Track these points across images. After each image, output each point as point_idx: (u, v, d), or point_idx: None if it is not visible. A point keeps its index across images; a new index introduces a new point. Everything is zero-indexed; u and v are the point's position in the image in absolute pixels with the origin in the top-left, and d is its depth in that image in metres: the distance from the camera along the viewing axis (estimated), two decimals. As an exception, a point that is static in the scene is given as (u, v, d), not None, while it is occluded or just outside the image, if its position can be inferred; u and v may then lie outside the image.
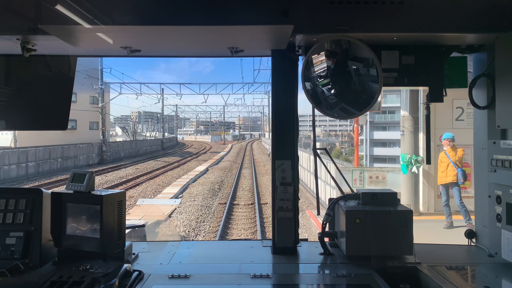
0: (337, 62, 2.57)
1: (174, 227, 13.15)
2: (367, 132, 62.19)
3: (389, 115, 65.16)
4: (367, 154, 60.99)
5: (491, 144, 2.55)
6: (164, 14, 2.24)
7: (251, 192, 20.66)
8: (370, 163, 57.56)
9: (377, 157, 61.28)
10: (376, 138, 64.55)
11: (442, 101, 2.67)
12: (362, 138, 68.01)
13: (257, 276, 2.23)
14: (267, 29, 2.36)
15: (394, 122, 61.48)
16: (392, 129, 63.03)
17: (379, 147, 63.92)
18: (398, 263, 2.41)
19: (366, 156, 60.71)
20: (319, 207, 2.96)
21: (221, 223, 13.52)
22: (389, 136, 63.27)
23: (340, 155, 68.89)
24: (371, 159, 60.12)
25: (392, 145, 61.94)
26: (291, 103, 2.69)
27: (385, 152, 61.77)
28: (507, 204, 2.42)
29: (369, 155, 60.82)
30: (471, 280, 2.42)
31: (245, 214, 15.43)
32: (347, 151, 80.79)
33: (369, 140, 62.18)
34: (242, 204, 17.17)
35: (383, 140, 65.01)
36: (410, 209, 2.48)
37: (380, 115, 64.76)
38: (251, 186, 22.77)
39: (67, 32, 2.34)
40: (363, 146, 64.92)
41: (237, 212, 15.77)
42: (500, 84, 2.48)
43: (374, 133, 64.65)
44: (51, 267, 2.33)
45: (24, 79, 2.93)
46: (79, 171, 2.42)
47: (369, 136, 62.17)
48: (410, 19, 2.35)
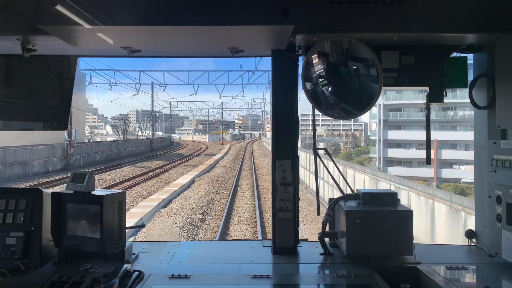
0: (332, 63, 2.57)
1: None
2: (380, 132, 57.08)
3: (420, 112, 55.11)
4: (380, 156, 56.05)
5: (491, 144, 2.54)
6: (164, 14, 2.25)
7: (253, 225, 13.55)
8: (384, 166, 53.17)
9: (392, 159, 55.72)
10: (390, 139, 57.62)
11: (442, 101, 2.67)
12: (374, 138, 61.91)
13: (257, 276, 2.23)
14: (267, 29, 2.36)
15: (410, 121, 56.44)
16: (407, 129, 56.95)
17: (394, 148, 57.04)
18: (398, 263, 2.41)
19: (379, 159, 55.99)
20: (319, 207, 2.96)
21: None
22: (405, 136, 56.48)
23: (349, 157, 62.63)
24: (384, 161, 55.21)
25: (408, 147, 55.92)
26: (291, 103, 2.69)
27: (400, 154, 55.69)
28: (507, 204, 2.41)
29: (382, 157, 55.78)
30: (471, 280, 2.41)
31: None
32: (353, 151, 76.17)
33: (383, 140, 57.17)
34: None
35: (398, 141, 57.45)
36: (410, 209, 2.48)
37: (395, 113, 58.97)
38: (252, 211, 15.62)
39: (67, 32, 2.34)
40: (375, 147, 60.22)
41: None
42: (500, 84, 2.48)
43: (388, 133, 57.98)
44: (51, 267, 2.33)
45: (24, 79, 2.93)
46: (79, 171, 2.42)
47: (382, 136, 56.83)
48: (410, 19, 2.35)
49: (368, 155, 68.49)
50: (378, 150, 57.33)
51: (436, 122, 53.34)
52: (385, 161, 55.54)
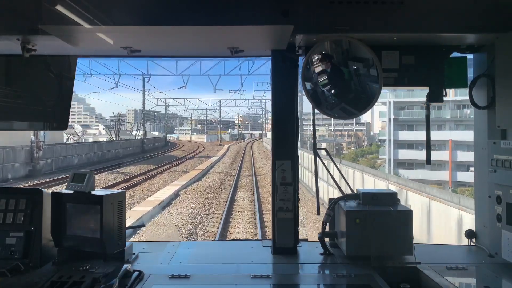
0: (334, 64, 2.57)
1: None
2: (390, 131, 52.63)
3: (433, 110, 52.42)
4: (391, 158, 51.47)
5: (491, 144, 2.55)
6: (164, 14, 2.25)
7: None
8: (394, 168, 49.08)
9: (402, 161, 51.05)
10: (401, 139, 52.74)
11: (442, 101, 2.68)
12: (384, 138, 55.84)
13: (257, 276, 2.23)
14: (267, 29, 2.36)
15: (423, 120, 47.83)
16: (420, 128, 49.94)
17: (405, 149, 52.19)
18: (398, 263, 2.41)
19: (389, 161, 51.48)
20: (319, 207, 2.96)
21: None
22: (417, 137, 50.31)
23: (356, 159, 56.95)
24: (395, 164, 50.85)
25: (420, 148, 49.16)
26: (291, 103, 2.69)
27: (412, 156, 50.72)
28: (507, 204, 2.42)
29: (392, 159, 51.31)
30: (471, 280, 2.42)
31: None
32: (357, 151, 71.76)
33: (393, 141, 52.57)
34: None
35: (409, 141, 52.55)
36: (410, 209, 2.48)
37: (406, 111, 54.11)
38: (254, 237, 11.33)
39: (67, 32, 2.34)
40: (384, 149, 54.96)
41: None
42: (500, 84, 2.48)
43: (399, 132, 53.31)
44: (51, 267, 2.33)
45: (24, 79, 2.93)
46: (79, 171, 2.42)
47: (393, 136, 52.69)
48: (410, 19, 2.35)
49: (372, 155, 65.30)
50: (388, 151, 52.97)
51: (451, 121, 50.25)
52: (395, 163, 51.56)
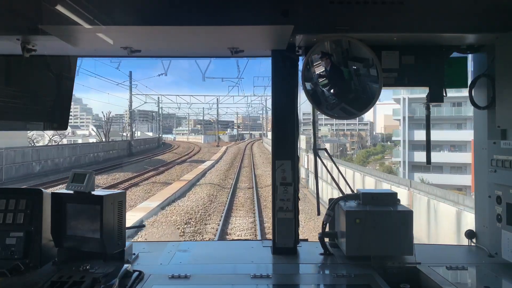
0: (334, 63, 2.57)
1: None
2: (405, 131, 48.04)
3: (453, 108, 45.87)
4: (405, 160, 46.66)
5: (491, 144, 2.55)
6: (164, 14, 2.25)
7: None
8: (410, 172, 44.81)
9: (418, 164, 44.75)
10: (416, 140, 46.69)
11: (442, 101, 2.68)
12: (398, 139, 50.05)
13: (257, 276, 2.23)
14: (267, 29, 2.36)
15: (441, 118, 46.64)
16: (437, 127, 45.91)
17: (421, 150, 43.98)
18: (398, 263, 2.41)
19: (404, 163, 46.68)
20: (319, 207, 2.97)
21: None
22: (435, 137, 40.93)
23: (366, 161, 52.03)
24: (410, 167, 46.23)
25: (438, 149, 45.71)
26: (291, 103, 2.69)
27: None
28: (507, 204, 2.42)
29: (407, 161, 46.49)
30: (471, 280, 2.41)
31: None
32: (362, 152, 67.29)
33: (408, 141, 47.18)
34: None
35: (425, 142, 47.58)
36: (410, 209, 2.48)
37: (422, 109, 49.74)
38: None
39: (67, 32, 2.34)
40: (398, 150, 49.86)
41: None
42: (500, 84, 2.48)
43: (415, 132, 47.48)
44: (51, 267, 2.33)
45: (24, 79, 2.93)
46: (79, 171, 2.42)
47: (408, 136, 47.52)
48: (410, 19, 2.35)
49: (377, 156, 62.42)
50: (402, 153, 47.92)
51: (469, 120, 45.00)
52: (410, 166, 46.28)
